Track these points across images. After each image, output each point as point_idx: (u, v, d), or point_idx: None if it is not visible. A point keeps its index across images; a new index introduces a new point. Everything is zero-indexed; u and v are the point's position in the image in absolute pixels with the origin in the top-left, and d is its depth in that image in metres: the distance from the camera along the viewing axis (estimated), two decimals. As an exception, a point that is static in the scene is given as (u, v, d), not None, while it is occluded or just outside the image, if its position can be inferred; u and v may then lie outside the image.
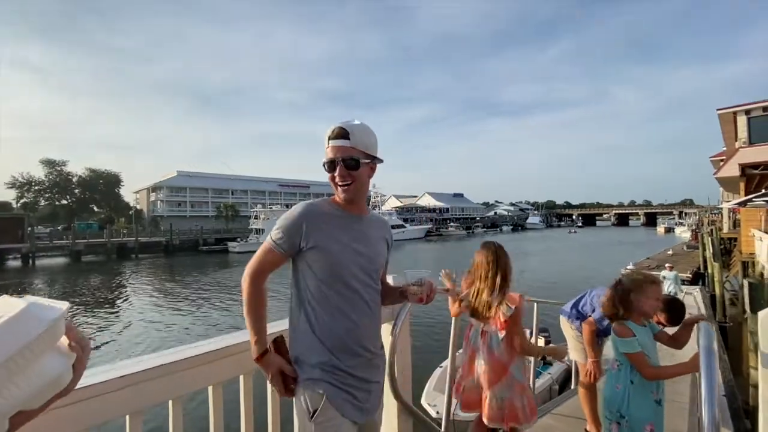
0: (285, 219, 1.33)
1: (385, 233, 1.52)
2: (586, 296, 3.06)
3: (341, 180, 1.33)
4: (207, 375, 1.34)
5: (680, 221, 65.62)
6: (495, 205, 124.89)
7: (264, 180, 75.12)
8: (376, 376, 1.41)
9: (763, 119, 17.06)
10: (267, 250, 1.33)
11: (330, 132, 1.33)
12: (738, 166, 17.17)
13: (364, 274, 1.37)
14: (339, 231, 1.35)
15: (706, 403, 1.18)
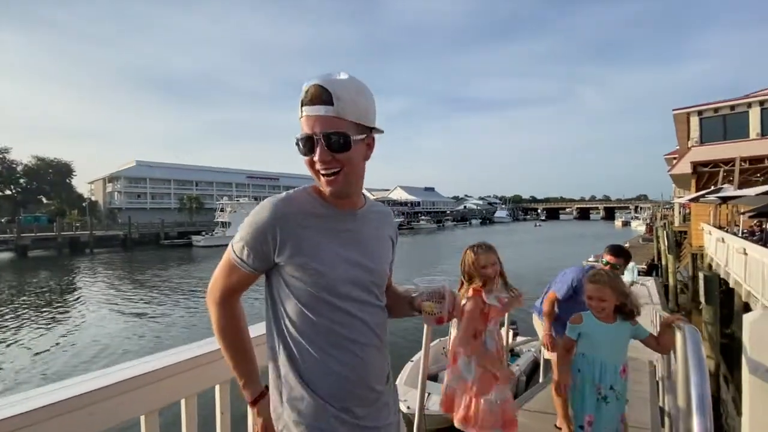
0: (249, 225, 0.95)
1: (389, 229, 1.14)
2: (549, 287, 3.11)
3: (324, 167, 0.92)
4: (180, 386, 1.12)
5: (636, 215, 69.56)
6: (465, 199, 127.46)
7: (231, 171, 72.63)
8: (386, 417, 1.06)
9: (714, 120, 18.20)
10: (229, 267, 0.98)
11: (303, 94, 0.90)
12: (690, 164, 18.29)
13: (362, 290, 1.01)
14: (324, 236, 0.97)
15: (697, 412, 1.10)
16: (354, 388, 0.98)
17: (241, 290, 1.02)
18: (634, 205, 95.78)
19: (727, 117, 17.97)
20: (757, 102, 17.27)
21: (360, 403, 0.99)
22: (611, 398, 1.96)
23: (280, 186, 75.63)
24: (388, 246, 1.12)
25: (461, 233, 60.69)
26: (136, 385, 1.01)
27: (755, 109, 17.27)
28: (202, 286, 20.33)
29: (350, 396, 0.97)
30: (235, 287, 1.00)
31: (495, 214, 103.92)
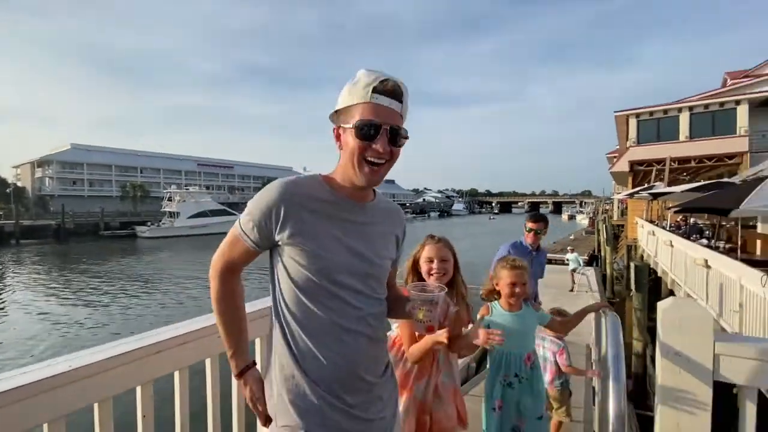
0: (257, 201, 0.98)
1: (396, 227, 1.14)
2: None
3: (378, 155, 0.93)
4: (173, 360, 1.25)
5: (580, 210, 74.44)
6: (424, 192, 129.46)
7: (180, 158, 68.22)
8: (378, 411, 1.05)
9: (650, 123, 19.74)
10: (233, 239, 1.01)
11: (376, 81, 0.92)
12: (628, 162, 19.80)
13: (358, 280, 1.01)
14: (328, 222, 0.98)
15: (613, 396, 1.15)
16: (343, 375, 0.98)
17: (241, 265, 1.04)
18: (579, 200, 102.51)
19: (660, 120, 19.56)
20: (687, 107, 18.94)
21: (349, 391, 0.99)
22: (515, 383, 2.03)
23: (234, 175, 72.42)
24: (392, 242, 1.12)
25: (420, 225, 61.69)
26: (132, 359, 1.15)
27: (685, 113, 18.94)
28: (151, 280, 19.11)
29: (339, 382, 0.98)
30: (236, 261, 1.02)
31: (452, 207, 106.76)
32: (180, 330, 1.29)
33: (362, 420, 1.01)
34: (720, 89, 19.42)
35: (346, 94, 0.96)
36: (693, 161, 18.06)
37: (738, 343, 1.07)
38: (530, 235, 3.09)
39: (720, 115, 18.14)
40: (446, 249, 1.85)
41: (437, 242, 1.86)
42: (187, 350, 1.28)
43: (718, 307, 5.73)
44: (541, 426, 2.05)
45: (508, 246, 3.13)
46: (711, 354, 1.07)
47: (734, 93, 18.19)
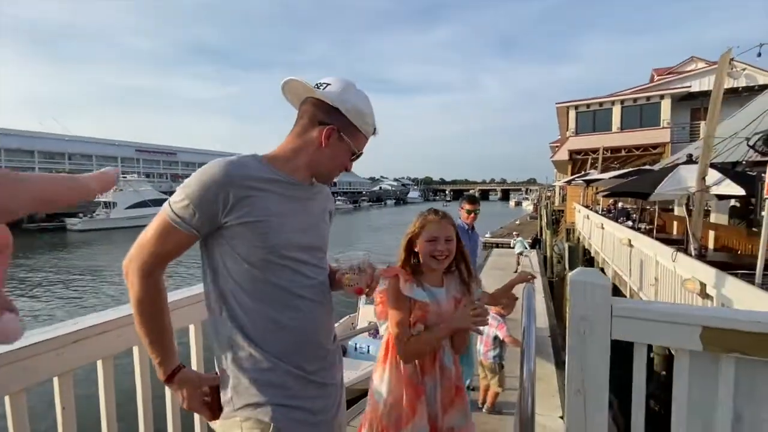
0: (196, 183, 0.93)
1: (329, 203, 1.24)
2: None
3: (345, 169, 1.16)
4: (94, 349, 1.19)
5: (526, 197, 78.78)
6: (380, 180, 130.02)
7: (116, 143, 62.68)
8: (334, 376, 1.13)
9: (587, 114, 21.19)
10: (165, 228, 0.93)
11: (375, 124, 1.15)
12: (567, 151, 21.20)
13: (307, 253, 1.06)
14: (277, 199, 1.00)
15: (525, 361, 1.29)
16: (305, 343, 1.04)
17: (173, 257, 0.97)
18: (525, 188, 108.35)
19: (596, 112, 21.07)
20: (619, 101, 20.55)
21: (310, 359, 1.05)
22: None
23: (178, 162, 67.86)
24: (328, 217, 1.21)
25: (377, 213, 62.09)
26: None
27: (617, 106, 20.54)
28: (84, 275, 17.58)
29: (301, 352, 1.03)
30: (169, 253, 0.95)
31: (408, 195, 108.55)
32: (102, 318, 1.23)
33: (320, 385, 1.07)
34: (648, 84, 21.22)
35: (357, 113, 1.07)
36: (623, 150, 19.73)
37: (630, 306, 1.22)
38: (469, 216, 3.26)
39: (647, 108, 19.91)
40: (451, 226, 1.51)
41: (442, 218, 1.51)
42: (110, 339, 1.23)
43: (639, 281, 6.39)
44: None
45: None
46: (609, 316, 1.21)
47: (660, 88, 20.00)
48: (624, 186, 7.27)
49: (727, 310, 2.52)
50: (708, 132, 3.88)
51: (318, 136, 1.05)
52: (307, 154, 1.07)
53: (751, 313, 1.15)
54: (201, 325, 1.54)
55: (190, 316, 1.49)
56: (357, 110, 1.07)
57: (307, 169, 1.08)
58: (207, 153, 77.51)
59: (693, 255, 4.23)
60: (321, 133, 1.05)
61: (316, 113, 1.06)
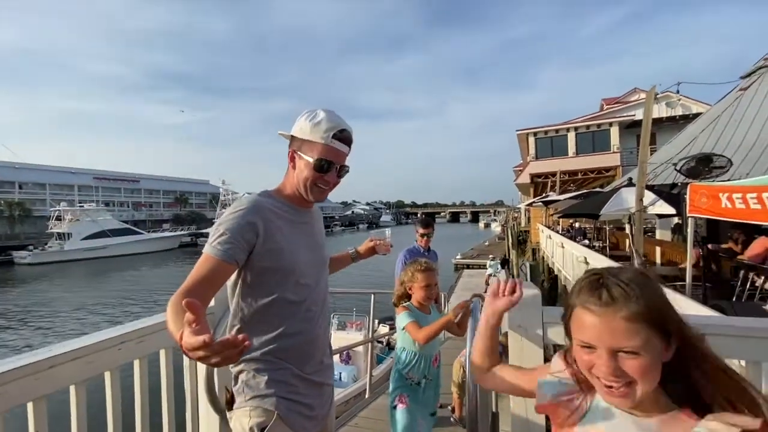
0: (234, 220, 1.09)
1: (323, 224, 1.45)
2: None
3: (327, 185, 1.23)
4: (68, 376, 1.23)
5: (494, 218, 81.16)
6: (353, 204, 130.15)
7: (72, 171, 59.60)
8: (329, 378, 1.33)
9: (545, 140, 22.55)
10: (214, 263, 1.05)
11: (336, 129, 1.18)
12: (529, 175, 22.34)
13: (316, 269, 1.27)
14: (291, 227, 1.21)
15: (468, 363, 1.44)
16: (308, 348, 1.22)
17: (220, 286, 1.09)
18: (494, 210, 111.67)
19: (553, 138, 22.47)
20: (573, 128, 22.05)
21: (311, 362, 1.23)
22: (424, 383, 2.10)
23: (141, 189, 65.45)
24: (324, 236, 1.43)
25: (349, 237, 61.69)
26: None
27: (572, 133, 22.02)
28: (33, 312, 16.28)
29: (304, 355, 1.21)
30: (215, 284, 1.06)
31: (381, 219, 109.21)
32: (75, 345, 1.27)
33: (318, 385, 1.25)
34: (598, 113, 22.97)
35: (308, 128, 1.18)
36: (579, 174, 21.04)
37: (558, 313, 1.42)
38: (423, 239, 3.45)
39: (598, 135, 21.45)
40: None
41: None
42: (82, 365, 1.27)
43: (595, 296, 6.77)
44: (431, 421, 2.16)
45: (404, 252, 3.46)
46: (541, 323, 1.39)
47: (608, 116, 21.69)
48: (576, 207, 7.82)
49: None
50: (641, 158, 4.35)
51: (289, 163, 1.25)
52: (290, 180, 1.25)
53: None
54: (171, 351, 1.60)
55: (159, 341, 1.54)
56: (308, 127, 1.18)
57: (297, 194, 1.24)
58: (172, 180, 75.15)
59: (637, 269, 4.60)
60: (289, 160, 1.25)
61: (288, 148, 1.25)
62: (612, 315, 0.66)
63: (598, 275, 0.71)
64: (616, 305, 0.66)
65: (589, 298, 0.69)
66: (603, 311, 0.66)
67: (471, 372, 1.55)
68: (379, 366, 6.33)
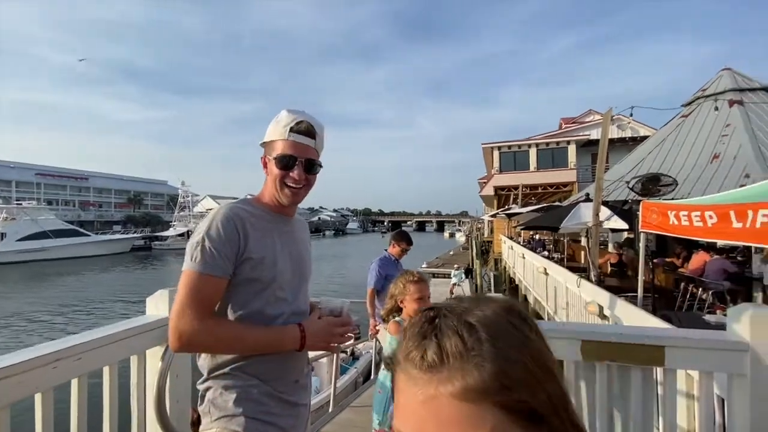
0: (215, 230, 1.03)
1: (308, 235, 1.37)
2: None
3: (296, 182, 1.14)
4: None
5: (459, 228, 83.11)
6: (319, 211, 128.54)
7: (10, 165, 54.70)
8: (304, 398, 1.23)
9: (508, 154, 23.49)
10: (202, 284, 1.01)
11: (293, 122, 1.12)
12: (493, 187, 23.13)
13: (297, 281, 1.19)
14: (271, 236, 1.14)
15: None
16: (284, 366, 1.13)
17: (216, 304, 1.06)
18: (459, 220, 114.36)
19: (516, 153, 23.45)
20: (534, 144, 23.13)
21: (287, 380, 1.14)
22: None
23: (89, 187, 61.17)
24: (309, 247, 1.33)
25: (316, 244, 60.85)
26: None
27: (533, 149, 23.07)
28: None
29: (280, 373, 1.12)
30: (213, 301, 1.04)
31: (347, 226, 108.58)
32: (2, 363, 1.12)
33: (293, 404, 1.16)
34: (557, 131, 24.24)
35: (271, 130, 1.14)
36: (540, 188, 22.05)
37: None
38: (403, 253, 3.53)
39: (557, 152, 22.63)
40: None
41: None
42: (11, 386, 1.12)
43: (554, 305, 7.06)
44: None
45: (377, 261, 3.45)
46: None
47: (566, 135, 22.95)
48: (538, 220, 8.16)
49: (599, 325, 2.94)
50: (598, 175, 4.62)
51: (263, 170, 1.21)
52: (267, 187, 1.19)
53: (617, 327, 1.42)
54: (117, 367, 1.45)
55: (102, 357, 1.40)
56: (271, 128, 1.15)
57: (276, 202, 1.17)
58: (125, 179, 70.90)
59: (593, 281, 4.85)
60: (263, 167, 1.21)
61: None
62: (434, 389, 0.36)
63: (434, 314, 0.41)
64: (442, 372, 0.36)
65: (410, 353, 0.39)
66: (425, 381, 0.37)
67: None
68: (343, 377, 6.20)
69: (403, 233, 3.73)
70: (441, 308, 0.41)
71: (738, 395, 1.27)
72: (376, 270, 3.44)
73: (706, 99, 10.32)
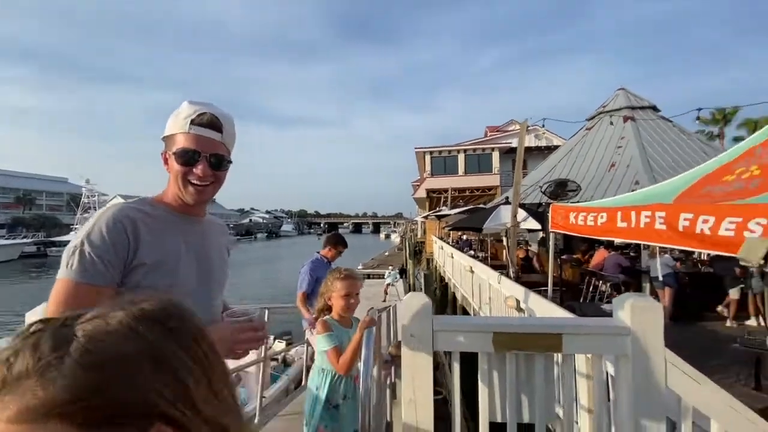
0: (97, 233, 0.90)
1: (225, 240, 1.23)
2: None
3: (200, 179, 1.03)
4: None
5: (394, 230, 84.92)
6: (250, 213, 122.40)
7: None
8: None
9: (439, 159, 24.57)
10: (76, 292, 0.86)
11: (194, 115, 1.02)
12: (425, 190, 24.01)
13: (207, 293, 1.09)
14: (173, 238, 1.02)
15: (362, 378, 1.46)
16: None
17: None
18: (394, 221, 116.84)
19: (446, 158, 24.62)
20: (462, 150, 24.48)
21: None
22: (343, 404, 1.97)
23: (-35, 185, 51.49)
24: (226, 253, 1.21)
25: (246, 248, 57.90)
26: None
27: (462, 154, 24.41)
28: None
29: None
30: None
31: (281, 228, 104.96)
32: None
33: None
34: (483, 138, 25.94)
35: (171, 123, 1.05)
36: (468, 191, 23.40)
37: (446, 321, 1.49)
38: (338, 255, 3.51)
39: (483, 158, 24.21)
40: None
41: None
42: None
43: (479, 301, 7.51)
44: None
45: (309, 263, 3.39)
46: (431, 332, 1.44)
47: (491, 142, 24.66)
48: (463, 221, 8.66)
49: (508, 318, 3.21)
50: (516, 180, 5.03)
51: (165, 167, 1.10)
52: (170, 186, 1.08)
53: (523, 318, 1.55)
54: None
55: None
56: (170, 122, 1.06)
57: (181, 201, 1.07)
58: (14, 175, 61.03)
59: (512, 277, 5.25)
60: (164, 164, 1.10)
61: None
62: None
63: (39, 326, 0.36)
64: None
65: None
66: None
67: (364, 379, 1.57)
68: (273, 386, 5.94)
69: (338, 236, 3.70)
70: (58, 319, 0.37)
71: (623, 373, 1.45)
72: (307, 273, 3.36)
73: (605, 115, 11.79)
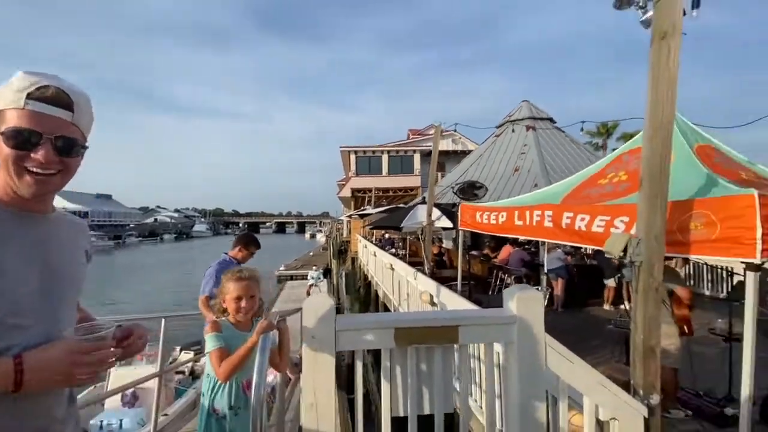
0: None
1: (83, 241, 1.03)
2: None
3: (42, 166, 0.82)
4: None
5: (320, 229, 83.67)
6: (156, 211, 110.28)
7: None
8: None
9: (364, 159, 24.84)
10: None
11: (32, 87, 0.81)
12: (350, 189, 24.08)
13: (54, 305, 0.88)
14: (6, 242, 0.82)
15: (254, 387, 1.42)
16: (13, 413, 0.80)
17: None
18: (320, 221, 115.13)
19: (371, 158, 24.99)
20: (386, 151, 25.06)
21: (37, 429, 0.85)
22: (230, 416, 1.84)
23: None
24: (83, 256, 1.02)
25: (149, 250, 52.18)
26: None
27: (385, 155, 24.98)
28: None
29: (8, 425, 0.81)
30: None
31: (193, 228, 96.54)
32: None
33: None
34: (405, 141, 26.81)
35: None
36: (391, 191, 24.03)
37: (348, 320, 1.49)
38: (250, 256, 3.34)
39: (405, 159, 25.08)
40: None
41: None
42: None
43: (398, 298, 7.75)
44: None
45: (215, 266, 3.18)
46: (333, 332, 1.43)
47: (412, 145, 25.62)
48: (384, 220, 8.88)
49: (409, 313, 3.39)
50: (430, 182, 5.28)
51: None
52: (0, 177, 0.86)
53: (423, 313, 1.63)
54: None
55: None
56: None
57: (11, 193, 0.85)
58: None
59: (427, 273, 5.51)
60: None
61: None
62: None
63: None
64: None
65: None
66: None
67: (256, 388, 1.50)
68: (178, 401, 5.43)
69: (249, 235, 3.51)
70: None
71: (510, 358, 1.59)
72: (213, 276, 3.13)
73: (510, 123, 13.00)
